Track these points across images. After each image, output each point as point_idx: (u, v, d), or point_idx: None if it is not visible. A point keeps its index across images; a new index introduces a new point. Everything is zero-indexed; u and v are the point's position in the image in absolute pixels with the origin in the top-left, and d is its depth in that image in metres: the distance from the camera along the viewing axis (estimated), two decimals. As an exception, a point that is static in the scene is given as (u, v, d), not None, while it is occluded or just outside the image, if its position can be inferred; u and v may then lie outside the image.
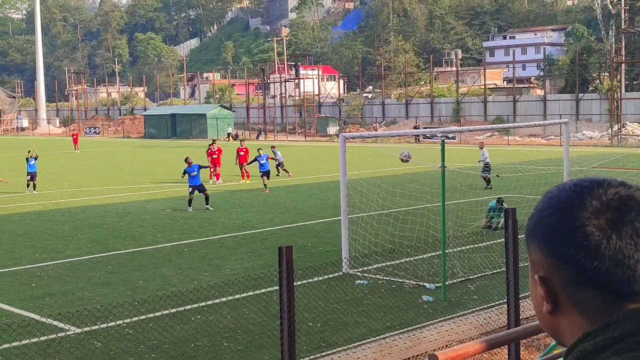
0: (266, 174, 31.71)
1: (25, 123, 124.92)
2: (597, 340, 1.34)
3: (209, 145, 37.53)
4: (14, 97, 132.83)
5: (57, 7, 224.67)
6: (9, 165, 49.63)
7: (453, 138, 63.48)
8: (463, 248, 17.26)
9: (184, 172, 25.99)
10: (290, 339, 7.55)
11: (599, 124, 67.13)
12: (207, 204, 25.75)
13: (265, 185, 31.36)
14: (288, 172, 36.84)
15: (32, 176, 31.90)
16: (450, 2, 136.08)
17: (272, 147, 38.85)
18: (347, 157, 15.72)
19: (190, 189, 25.65)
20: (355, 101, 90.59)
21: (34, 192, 31.78)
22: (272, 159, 35.46)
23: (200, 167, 26.49)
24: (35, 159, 32.22)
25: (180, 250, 18.52)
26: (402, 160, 18.87)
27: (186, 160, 26.54)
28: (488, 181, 30.23)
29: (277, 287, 8.20)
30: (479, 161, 31.30)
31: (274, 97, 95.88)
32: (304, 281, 14.22)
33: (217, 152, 35.86)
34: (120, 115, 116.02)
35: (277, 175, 36.30)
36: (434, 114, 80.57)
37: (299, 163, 46.06)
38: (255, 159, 32.47)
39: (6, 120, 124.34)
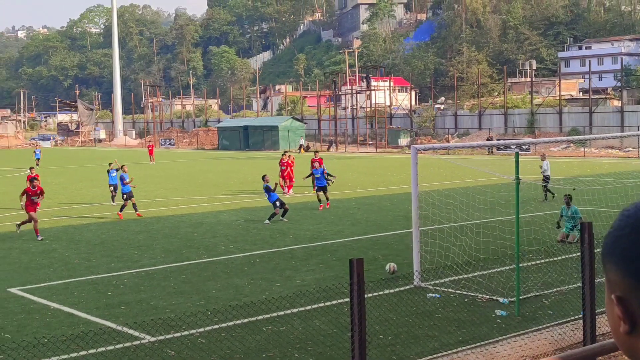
0: (322, 189, 29.57)
1: (102, 135, 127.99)
2: None
3: (282, 155, 37.94)
4: (91, 110, 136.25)
5: (133, 21, 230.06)
6: (88, 176, 50.90)
7: (527, 150, 62.49)
8: (537, 262, 16.96)
9: (266, 190, 26.04)
10: (361, 352, 7.52)
11: (680, 135, 65.22)
12: (283, 215, 25.90)
13: (320, 200, 29.27)
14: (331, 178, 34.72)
15: (115, 187, 32.13)
16: (524, 12, 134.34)
17: (316, 152, 38.76)
18: (419, 168, 15.62)
19: (279, 204, 25.68)
20: (427, 112, 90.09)
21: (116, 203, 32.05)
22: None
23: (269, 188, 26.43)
24: (117, 170, 32.65)
25: (252, 261, 18.67)
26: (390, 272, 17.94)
27: (263, 178, 26.83)
28: (546, 194, 29.67)
29: (347, 299, 8.18)
30: (541, 173, 30.68)
31: (345, 108, 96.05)
32: (375, 293, 14.17)
33: (286, 164, 36.02)
34: (194, 127, 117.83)
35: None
36: (507, 125, 79.52)
37: (370, 174, 46.01)
38: (312, 173, 31.24)
39: (84, 131, 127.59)
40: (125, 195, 27.83)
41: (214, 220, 26.53)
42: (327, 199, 29.29)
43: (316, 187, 30.12)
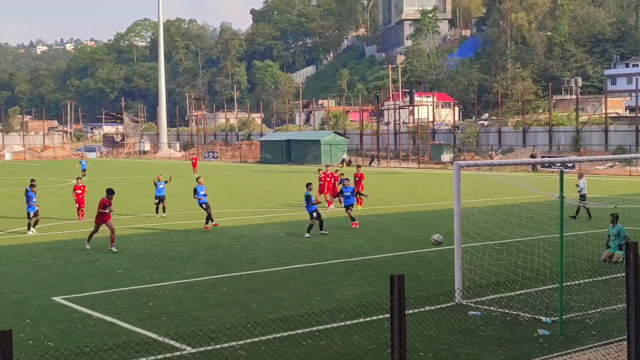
0: (351, 207, 28.42)
1: (147, 147, 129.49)
2: None
3: (325, 167, 38.16)
4: (137, 122, 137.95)
5: (179, 35, 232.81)
6: (132, 187, 51.44)
7: (572, 167, 61.79)
8: (581, 281, 16.73)
9: (307, 199, 26.13)
10: (401, 368, 7.47)
11: None
12: (320, 228, 25.96)
13: (352, 218, 27.90)
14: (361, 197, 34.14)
15: (161, 199, 32.38)
16: (570, 29, 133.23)
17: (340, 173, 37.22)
18: (461, 185, 15.53)
19: (316, 215, 25.79)
20: (471, 128, 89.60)
21: (164, 215, 32.10)
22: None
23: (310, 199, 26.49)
24: (166, 182, 33.03)
25: (292, 274, 18.70)
26: (435, 242, 18.20)
27: (307, 185, 27.01)
28: (577, 212, 29.21)
29: (388, 315, 8.15)
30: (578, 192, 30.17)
31: (387, 123, 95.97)
32: (416, 310, 14.09)
33: (323, 178, 36.09)
34: (237, 141, 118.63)
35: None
36: (552, 143, 78.72)
37: (412, 190, 45.84)
38: (341, 192, 29.65)
39: (129, 143, 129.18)
40: (204, 205, 27.90)
41: (256, 233, 26.64)
42: (353, 218, 27.92)
43: (345, 206, 28.64)
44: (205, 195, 28.42)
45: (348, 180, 30.18)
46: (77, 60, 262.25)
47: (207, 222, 27.82)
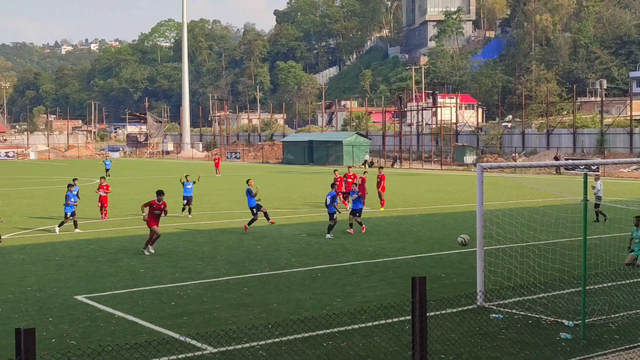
0: (357, 212, 26.81)
1: (170, 147, 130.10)
2: None
3: (348, 168, 38.15)
4: (160, 122, 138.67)
5: (203, 35, 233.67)
6: (155, 187, 51.69)
7: (596, 170, 61.33)
8: (605, 285, 16.59)
9: (332, 198, 26.16)
10: (422, 371, 7.45)
11: None
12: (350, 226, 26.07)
13: (360, 223, 26.73)
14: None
15: (188, 200, 32.25)
16: (595, 31, 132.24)
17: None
18: (484, 187, 15.45)
19: (335, 216, 25.82)
20: (494, 130, 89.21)
21: (189, 216, 31.97)
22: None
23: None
24: (194, 183, 33.01)
25: (313, 275, 18.70)
26: (461, 244, 17.91)
27: (332, 185, 27.06)
28: (597, 215, 28.97)
29: (409, 317, 8.14)
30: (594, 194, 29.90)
31: (410, 125, 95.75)
32: (437, 312, 14.04)
33: (340, 179, 36.00)
34: (260, 141, 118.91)
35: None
36: (576, 145, 78.18)
37: (434, 192, 45.70)
38: (348, 194, 28.19)
39: (152, 143, 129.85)
40: (254, 209, 27.33)
41: (277, 233, 26.67)
42: (361, 223, 26.75)
43: (351, 210, 27.31)
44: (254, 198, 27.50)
45: (355, 185, 29.94)
46: (101, 61, 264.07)
47: (249, 223, 27.20)
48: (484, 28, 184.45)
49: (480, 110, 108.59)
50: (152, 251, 22.27)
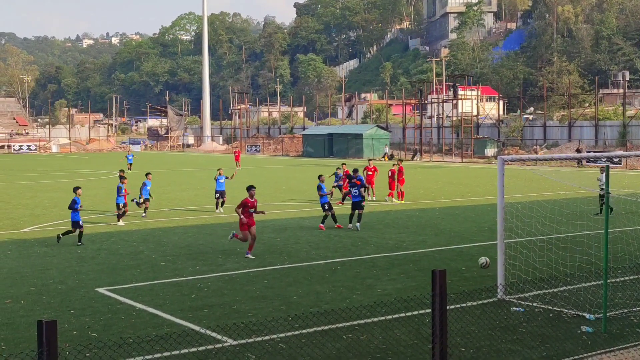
0: (357, 205, 25.89)
1: (190, 140, 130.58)
2: None
3: (368, 161, 38.15)
4: (181, 115, 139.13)
5: (223, 29, 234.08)
6: (176, 180, 51.86)
7: (619, 163, 60.87)
8: (626, 278, 16.47)
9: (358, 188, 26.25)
10: (442, 364, 7.43)
11: None
12: (349, 222, 26.06)
13: (335, 220, 26.25)
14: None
15: (221, 194, 31.98)
16: (618, 22, 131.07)
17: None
18: (505, 179, 15.37)
19: (327, 207, 26.01)
20: (515, 122, 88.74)
21: (222, 210, 31.28)
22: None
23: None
24: (226, 178, 32.89)
25: (333, 268, 18.70)
26: (482, 266, 17.38)
27: (354, 174, 27.22)
28: (601, 208, 28.70)
29: (429, 310, 8.12)
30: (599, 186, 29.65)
31: (430, 117, 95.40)
32: (457, 305, 14.01)
33: (346, 173, 35.95)
34: (280, 134, 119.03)
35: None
36: (598, 137, 77.61)
37: (455, 184, 45.55)
38: (349, 191, 26.87)
39: (173, 136, 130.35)
40: (326, 205, 26.18)
41: (297, 226, 26.70)
42: (359, 219, 25.71)
43: (353, 203, 26.06)
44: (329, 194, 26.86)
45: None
46: (122, 54, 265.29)
47: (322, 222, 26.14)
48: (505, 20, 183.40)
49: (501, 103, 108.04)
50: (251, 257, 20.13)
